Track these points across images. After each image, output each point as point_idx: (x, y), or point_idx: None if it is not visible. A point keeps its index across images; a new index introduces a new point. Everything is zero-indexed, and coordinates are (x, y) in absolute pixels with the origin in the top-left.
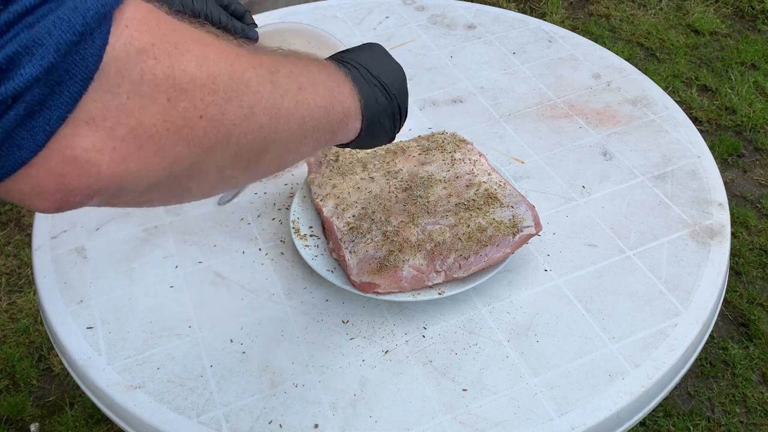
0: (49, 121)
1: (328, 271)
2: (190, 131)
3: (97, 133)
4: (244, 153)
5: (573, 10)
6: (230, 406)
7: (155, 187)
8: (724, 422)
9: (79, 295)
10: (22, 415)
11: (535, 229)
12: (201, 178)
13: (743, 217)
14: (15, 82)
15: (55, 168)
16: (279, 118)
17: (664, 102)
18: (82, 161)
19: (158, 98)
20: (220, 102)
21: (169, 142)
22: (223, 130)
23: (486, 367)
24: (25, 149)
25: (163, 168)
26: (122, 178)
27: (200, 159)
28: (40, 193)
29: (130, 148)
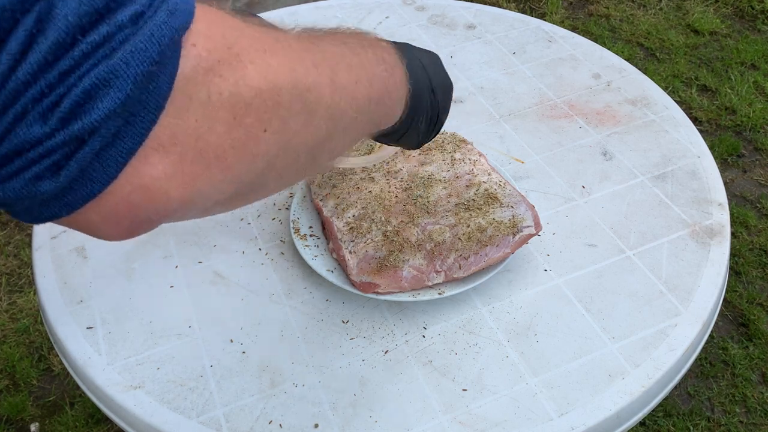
0: (122, 153)
1: (328, 271)
2: (254, 146)
3: (166, 160)
4: (303, 158)
5: (573, 10)
6: (230, 406)
7: (219, 203)
8: (724, 422)
9: (79, 295)
10: (22, 415)
11: (535, 229)
12: (261, 188)
13: (743, 217)
14: (92, 117)
15: (125, 197)
16: (335, 119)
17: (664, 102)
18: (152, 189)
19: (225, 117)
20: (283, 113)
21: (234, 159)
22: (284, 140)
23: (486, 367)
24: (97, 182)
25: (229, 185)
26: (190, 200)
27: (263, 172)
28: (110, 222)
29: (197, 170)
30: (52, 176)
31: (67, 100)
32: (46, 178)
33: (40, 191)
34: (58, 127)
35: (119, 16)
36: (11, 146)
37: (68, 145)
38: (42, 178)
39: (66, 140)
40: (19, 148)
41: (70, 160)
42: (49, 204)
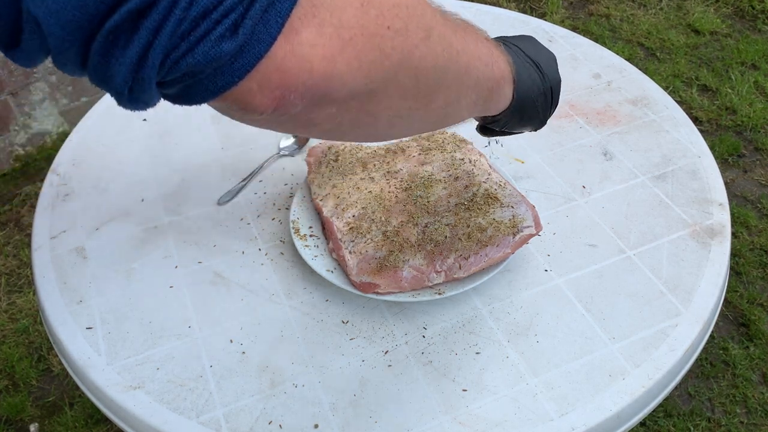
0: (280, 13)
1: (328, 271)
2: (381, 40)
3: (309, 28)
4: (422, 81)
5: (573, 10)
6: (230, 406)
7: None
8: (724, 422)
9: (79, 295)
10: (22, 416)
11: (535, 229)
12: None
13: (743, 217)
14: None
15: (280, 63)
16: (450, 52)
17: (664, 102)
18: (299, 56)
19: (353, 1)
20: (404, 17)
21: (364, 47)
22: (406, 47)
23: (486, 367)
24: (263, 42)
25: (362, 74)
26: (329, 77)
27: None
28: (265, 89)
29: (335, 47)
30: (232, 36)
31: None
32: (227, 38)
33: (222, 51)
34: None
35: None
36: (199, 9)
37: (242, 3)
38: (224, 38)
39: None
40: (204, 10)
41: (245, 18)
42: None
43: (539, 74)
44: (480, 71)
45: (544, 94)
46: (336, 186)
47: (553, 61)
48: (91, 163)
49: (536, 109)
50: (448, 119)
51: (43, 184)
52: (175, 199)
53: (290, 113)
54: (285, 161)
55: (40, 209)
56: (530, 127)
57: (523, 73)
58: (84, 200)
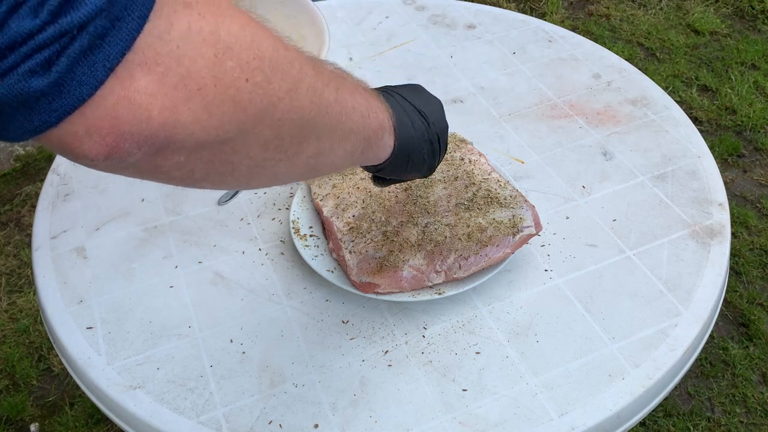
0: (109, 57)
1: (328, 271)
2: (236, 93)
3: (149, 77)
4: (286, 134)
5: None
6: (230, 406)
7: (202, 148)
8: (724, 422)
9: (79, 295)
10: (22, 415)
11: (535, 229)
12: (245, 152)
13: (743, 217)
14: (80, 12)
15: (110, 108)
16: (320, 105)
17: (664, 102)
18: (135, 103)
19: (206, 52)
20: (266, 70)
21: (216, 99)
22: (267, 100)
23: (486, 367)
24: (86, 85)
25: (211, 125)
26: (171, 128)
27: (245, 128)
28: (93, 135)
29: (179, 97)
30: (44, 72)
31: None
32: (38, 74)
33: (32, 88)
34: (48, 20)
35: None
36: (5, 40)
37: (58, 41)
38: (34, 74)
39: (56, 34)
40: (12, 42)
41: (61, 56)
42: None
43: (424, 122)
44: (355, 122)
45: (429, 141)
46: (336, 186)
47: (440, 108)
48: None
49: (422, 156)
50: (319, 169)
51: (43, 184)
52: (175, 199)
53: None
54: None
55: (41, 209)
56: (419, 174)
57: (405, 121)
58: (84, 200)
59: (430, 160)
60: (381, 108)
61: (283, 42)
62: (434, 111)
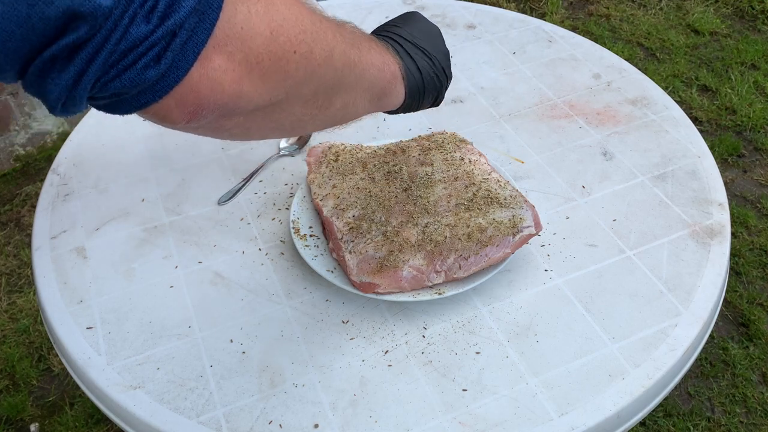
0: (197, 44)
1: (328, 271)
2: (286, 63)
3: (222, 56)
4: (322, 92)
5: (573, 10)
6: (230, 406)
7: (258, 110)
8: (724, 422)
9: (79, 295)
10: (22, 415)
11: (535, 229)
12: (289, 110)
13: (743, 217)
14: (180, 14)
15: (195, 85)
16: (348, 65)
17: (664, 102)
18: (212, 79)
19: (263, 30)
20: (309, 41)
21: (271, 70)
22: (309, 67)
23: (486, 367)
24: (182, 69)
25: (266, 92)
26: (237, 96)
27: (292, 91)
28: (181, 106)
29: (243, 71)
30: (155, 65)
31: (161, 2)
32: (151, 66)
33: (146, 78)
34: (158, 23)
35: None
36: (128, 43)
37: (165, 39)
38: (148, 67)
39: (163, 34)
40: (132, 44)
41: (167, 50)
42: (145, 92)
43: (428, 61)
44: (373, 76)
45: (435, 76)
46: (336, 186)
47: (439, 36)
48: (91, 163)
49: (430, 91)
50: (346, 118)
51: (43, 184)
52: (175, 199)
53: (202, 122)
54: (285, 161)
55: (41, 209)
56: (428, 106)
57: (411, 68)
58: (84, 200)
59: (438, 91)
60: (392, 60)
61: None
62: (435, 43)
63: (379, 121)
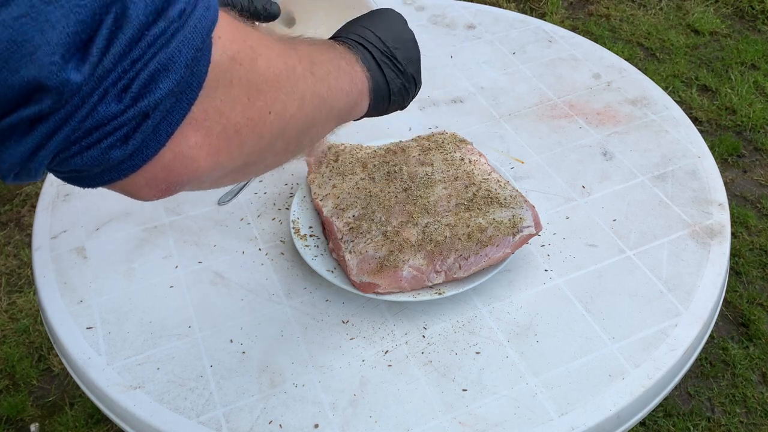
0: (171, 125)
1: (328, 271)
2: (262, 126)
3: (198, 133)
4: (294, 138)
5: (573, 10)
6: (230, 406)
7: (230, 172)
8: (724, 422)
9: (79, 295)
10: (22, 415)
11: (535, 229)
12: (262, 163)
13: (743, 217)
14: (155, 95)
15: (166, 163)
16: (319, 105)
17: (664, 102)
18: (187, 156)
19: (242, 98)
20: (283, 98)
21: (248, 136)
22: (283, 122)
23: (486, 367)
24: (151, 149)
25: (241, 158)
26: (213, 168)
27: (266, 148)
28: (151, 184)
29: (221, 143)
30: (122, 145)
31: (137, 82)
32: (117, 147)
33: (110, 158)
34: (130, 104)
35: (171, 12)
36: (93, 122)
37: (136, 119)
38: (114, 148)
39: (135, 115)
40: (99, 123)
41: (137, 132)
42: (111, 170)
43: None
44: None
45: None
46: (336, 186)
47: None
48: None
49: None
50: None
51: (43, 184)
52: (175, 199)
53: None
54: None
55: (41, 209)
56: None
57: (379, 81)
58: (84, 200)
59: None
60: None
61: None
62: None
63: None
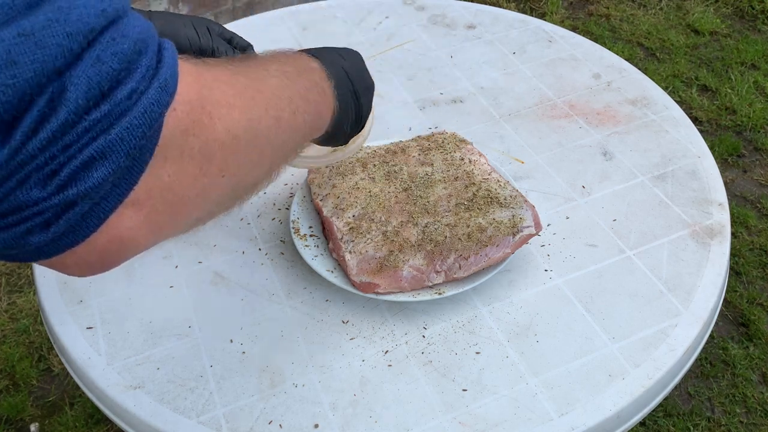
0: (105, 211)
1: (328, 271)
2: (213, 191)
3: (140, 213)
4: (251, 186)
5: (573, 10)
6: (230, 406)
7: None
8: (724, 422)
9: (79, 295)
10: (22, 415)
11: (535, 229)
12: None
13: (743, 217)
14: (86, 184)
15: (100, 247)
16: (282, 152)
17: (664, 102)
18: (124, 239)
19: (192, 170)
20: (240, 158)
21: (197, 204)
22: (238, 180)
23: (486, 367)
24: (79, 234)
25: (189, 224)
26: (154, 242)
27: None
28: (81, 265)
29: (165, 219)
30: (41, 231)
31: (66, 169)
32: (36, 233)
33: (28, 243)
34: (55, 192)
35: (118, 94)
36: (9, 206)
37: (59, 207)
38: (32, 233)
39: (59, 203)
40: (15, 207)
41: (60, 219)
42: (31, 253)
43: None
44: (307, 133)
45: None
46: (336, 186)
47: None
48: None
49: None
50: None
51: None
52: None
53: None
54: None
55: None
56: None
57: (342, 109)
58: None
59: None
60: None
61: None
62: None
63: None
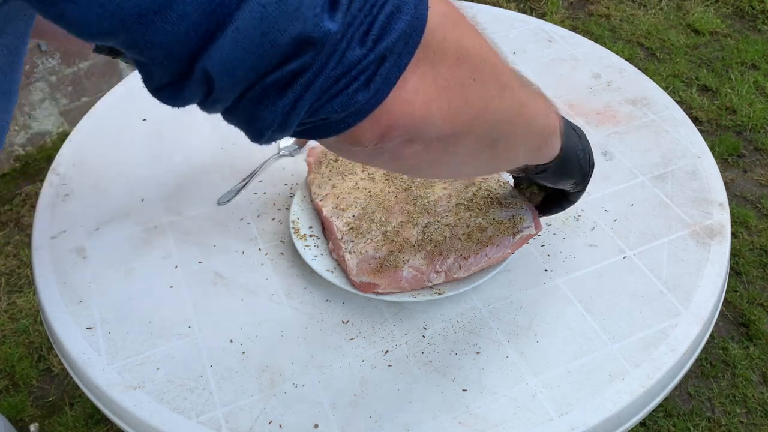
0: (400, 68)
1: (328, 271)
2: (468, 90)
3: (415, 78)
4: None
5: (573, 10)
6: (230, 406)
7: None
8: (724, 422)
9: (79, 295)
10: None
11: (535, 230)
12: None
13: (743, 217)
14: (392, 37)
15: (389, 106)
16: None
17: (664, 102)
18: (405, 101)
19: (451, 56)
20: (487, 72)
21: (454, 95)
22: (484, 99)
23: (486, 367)
24: (384, 92)
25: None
26: (425, 119)
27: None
28: (374, 127)
29: (432, 94)
30: (365, 88)
31: (376, 25)
32: (360, 90)
33: (356, 102)
34: (371, 47)
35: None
36: (342, 68)
37: (375, 63)
38: (358, 92)
39: (375, 59)
40: (347, 69)
41: (377, 74)
42: (352, 115)
43: (576, 133)
44: (539, 123)
45: (584, 150)
46: (336, 186)
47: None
48: (91, 163)
49: (579, 163)
50: (507, 164)
51: (43, 184)
52: (175, 199)
53: (386, 146)
54: (285, 161)
55: (40, 209)
56: (570, 182)
57: (568, 130)
58: (84, 200)
59: (582, 172)
60: (554, 110)
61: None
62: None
63: None
